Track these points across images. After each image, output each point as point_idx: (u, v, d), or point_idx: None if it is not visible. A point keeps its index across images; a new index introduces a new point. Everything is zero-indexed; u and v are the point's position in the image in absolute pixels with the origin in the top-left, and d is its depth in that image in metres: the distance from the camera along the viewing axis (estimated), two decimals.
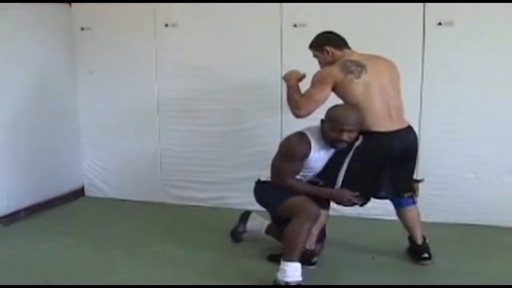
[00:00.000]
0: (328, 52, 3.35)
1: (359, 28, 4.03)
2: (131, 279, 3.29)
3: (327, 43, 3.37)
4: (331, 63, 3.31)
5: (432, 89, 4.07)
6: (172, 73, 4.69)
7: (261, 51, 4.38)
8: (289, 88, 3.39)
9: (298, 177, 3.31)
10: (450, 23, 3.96)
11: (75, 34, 4.94)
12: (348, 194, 3.21)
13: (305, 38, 3.49)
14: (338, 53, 3.34)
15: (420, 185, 3.50)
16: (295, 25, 4.25)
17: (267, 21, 4.34)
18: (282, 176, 3.26)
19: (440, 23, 3.98)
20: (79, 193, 5.17)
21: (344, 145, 3.18)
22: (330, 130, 3.16)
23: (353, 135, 3.16)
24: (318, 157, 3.26)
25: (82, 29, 4.90)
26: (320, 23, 3.71)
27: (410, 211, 3.49)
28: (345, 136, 3.13)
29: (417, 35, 4.03)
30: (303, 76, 3.42)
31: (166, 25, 4.62)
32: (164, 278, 3.30)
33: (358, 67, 3.19)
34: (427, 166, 4.03)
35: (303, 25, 4.17)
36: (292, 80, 3.41)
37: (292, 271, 3.02)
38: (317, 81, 3.24)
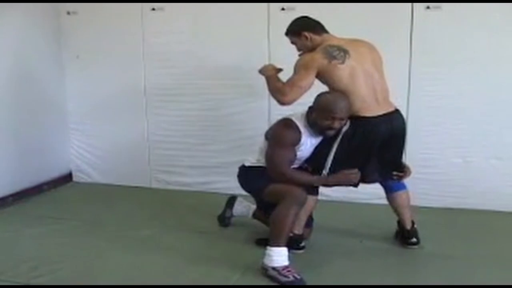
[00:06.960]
0: (306, 38, 3.28)
1: (347, 12, 4.02)
2: (119, 264, 3.29)
3: (304, 29, 3.30)
4: (311, 49, 3.25)
5: (420, 73, 4.06)
6: (159, 58, 4.66)
7: (249, 35, 4.35)
8: (268, 78, 3.33)
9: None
10: (438, 7, 3.93)
11: (61, 19, 4.88)
12: (350, 173, 3.17)
13: None
14: (317, 38, 3.27)
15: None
16: (283, 9, 4.21)
17: (255, 5, 4.29)
18: (279, 167, 3.17)
19: (428, 7, 3.96)
20: (67, 178, 5.15)
21: (333, 132, 3.15)
22: (321, 119, 3.10)
23: (344, 122, 3.14)
24: (309, 143, 3.23)
25: (68, 13, 4.85)
26: (308, 7, 3.69)
27: (400, 195, 3.47)
28: (337, 124, 3.10)
29: (405, 19, 4.01)
30: (280, 70, 3.37)
31: (153, 9, 4.57)
32: (152, 262, 3.30)
33: (340, 51, 3.13)
34: (415, 150, 4.04)
35: (292, 9, 4.11)
36: (269, 71, 3.36)
37: (278, 255, 3.01)
38: (301, 67, 3.17)
